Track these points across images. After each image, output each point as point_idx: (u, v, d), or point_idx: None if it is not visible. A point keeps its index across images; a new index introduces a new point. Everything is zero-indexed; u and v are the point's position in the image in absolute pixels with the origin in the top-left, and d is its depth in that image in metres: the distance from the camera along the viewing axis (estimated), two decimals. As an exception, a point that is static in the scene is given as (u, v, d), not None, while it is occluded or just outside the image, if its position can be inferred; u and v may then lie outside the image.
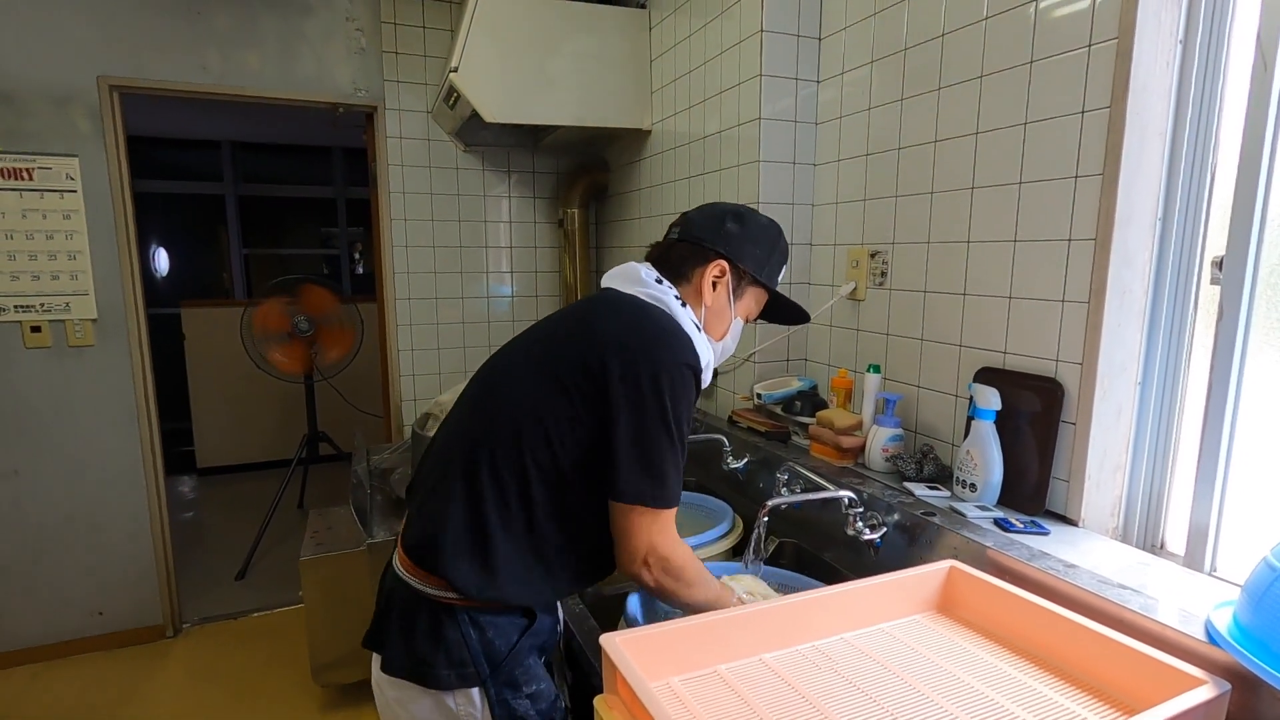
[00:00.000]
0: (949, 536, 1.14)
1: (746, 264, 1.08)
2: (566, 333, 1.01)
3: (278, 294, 3.51)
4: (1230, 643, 0.74)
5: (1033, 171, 1.21)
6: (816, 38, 1.73)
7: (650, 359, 0.92)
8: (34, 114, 2.33)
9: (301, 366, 3.58)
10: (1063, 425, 1.17)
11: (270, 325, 3.47)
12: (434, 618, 0.95)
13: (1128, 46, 1.04)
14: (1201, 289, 1.09)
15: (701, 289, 1.06)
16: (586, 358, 0.93)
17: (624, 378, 0.90)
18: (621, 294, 1.03)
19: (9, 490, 2.47)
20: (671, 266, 1.07)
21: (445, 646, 0.94)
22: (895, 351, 1.55)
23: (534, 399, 0.94)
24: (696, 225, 1.09)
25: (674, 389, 0.92)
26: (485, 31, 2.14)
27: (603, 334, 0.95)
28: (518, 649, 0.96)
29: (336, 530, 2.30)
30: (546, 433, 0.92)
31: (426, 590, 0.95)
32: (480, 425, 0.98)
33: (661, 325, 0.97)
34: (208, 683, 2.46)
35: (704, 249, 1.07)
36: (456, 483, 0.95)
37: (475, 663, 0.94)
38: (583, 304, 1.08)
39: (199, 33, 2.45)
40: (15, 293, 2.38)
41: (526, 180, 2.94)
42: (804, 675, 0.83)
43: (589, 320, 1.00)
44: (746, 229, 1.09)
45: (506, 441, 0.93)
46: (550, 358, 0.97)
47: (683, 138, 2.16)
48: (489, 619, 0.95)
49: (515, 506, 0.93)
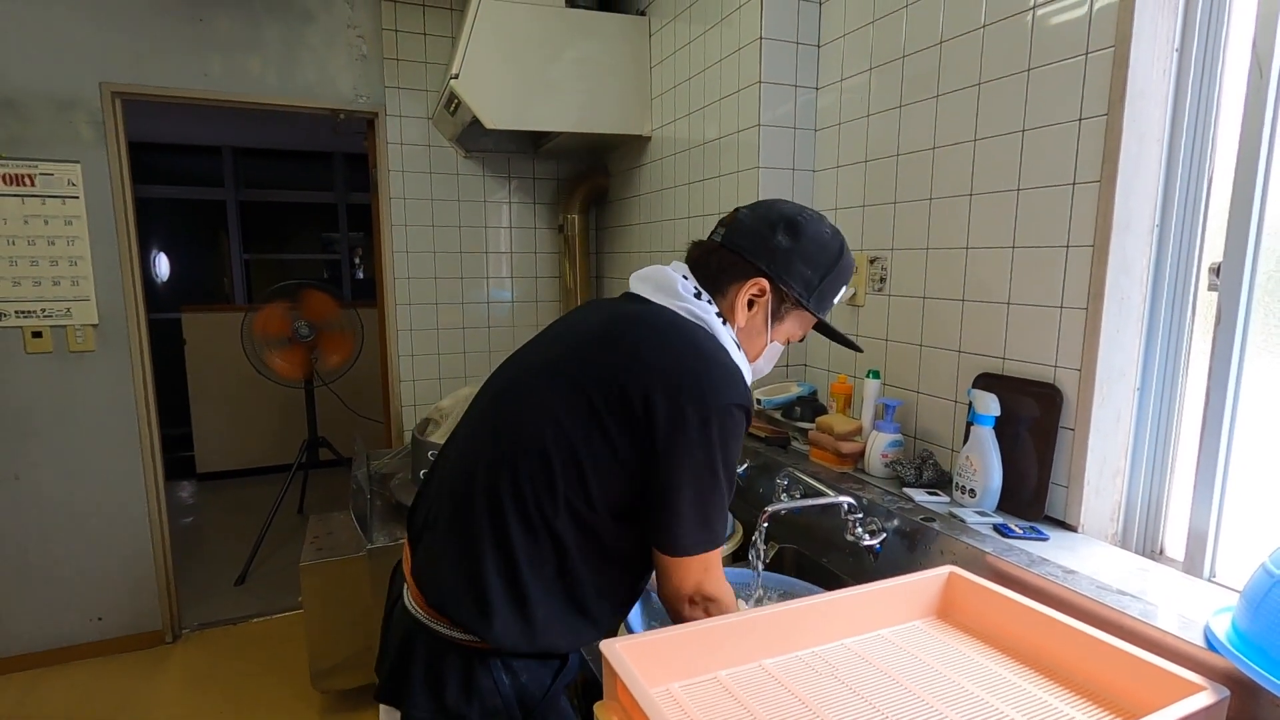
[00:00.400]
0: (948, 542, 1.14)
1: (792, 286, 0.94)
2: (594, 351, 0.90)
3: (278, 299, 3.52)
4: (1229, 649, 0.74)
5: (1031, 178, 1.21)
6: (815, 45, 1.74)
7: (702, 402, 0.83)
8: (37, 120, 2.34)
9: (301, 372, 3.59)
10: (1062, 431, 1.18)
11: (271, 330, 3.48)
12: (466, 665, 0.87)
13: (1124, 54, 1.05)
14: (1199, 295, 1.10)
15: (736, 306, 0.94)
16: (626, 387, 0.83)
17: (671, 420, 0.82)
18: (657, 309, 0.93)
19: (9, 495, 2.47)
20: (708, 275, 0.95)
21: (479, 696, 0.86)
22: (895, 357, 1.56)
23: (563, 425, 0.85)
24: (743, 231, 0.95)
25: (724, 434, 0.84)
26: (486, 38, 2.15)
27: (645, 363, 0.85)
28: (552, 692, 0.90)
29: (337, 535, 2.30)
30: (582, 471, 0.84)
31: (455, 635, 0.87)
32: (502, 453, 0.88)
33: (711, 357, 0.87)
34: (207, 688, 2.45)
35: (745, 263, 0.94)
36: (481, 523, 0.86)
37: (509, 710, 0.86)
38: (608, 315, 0.95)
39: (201, 39, 2.46)
40: (16, 298, 2.39)
41: (527, 186, 2.95)
42: (804, 681, 0.83)
43: (623, 338, 0.89)
44: (800, 243, 0.94)
45: (536, 474, 0.85)
46: (577, 379, 0.87)
47: (683, 143, 2.17)
48: (523, 664, 0.88)
49: (546, 549, 0.86)
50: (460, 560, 0.87)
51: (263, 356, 3.52)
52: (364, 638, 2.14)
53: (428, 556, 0.92)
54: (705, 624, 0.85)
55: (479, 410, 0.98)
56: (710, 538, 0.87)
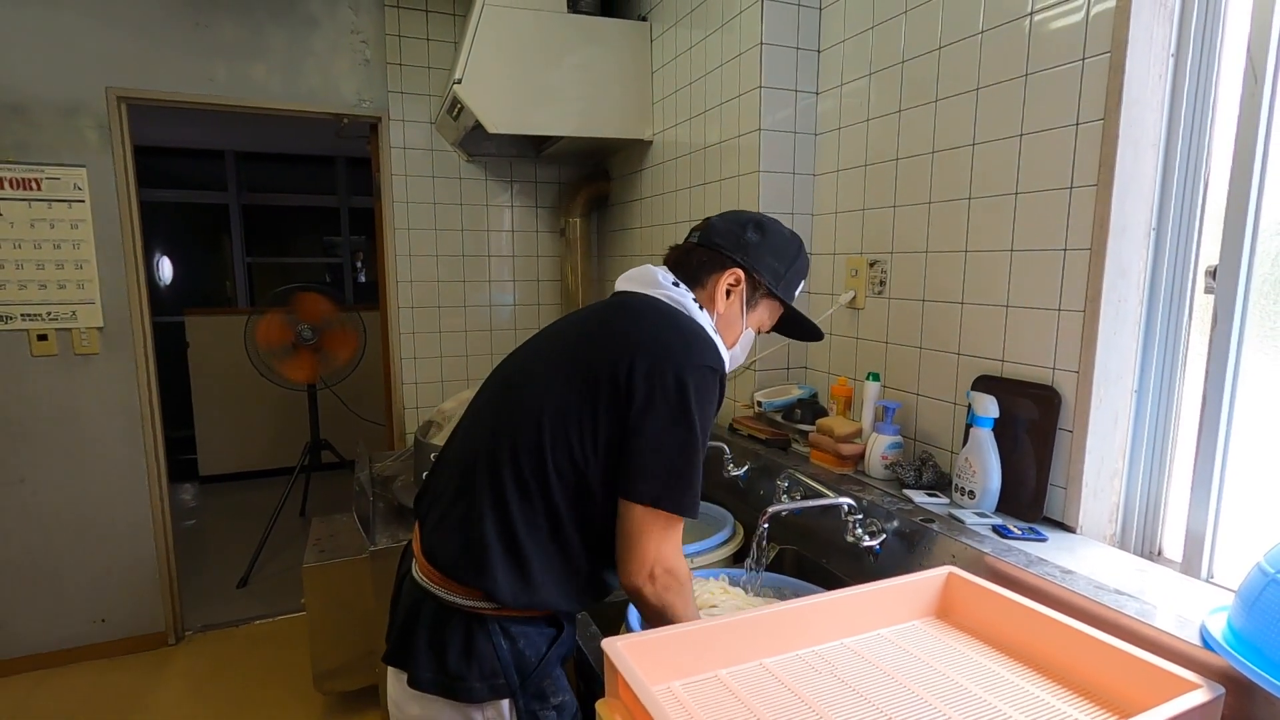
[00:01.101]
0: (947, 543, 1.15)
1: (763, 275, 1.06)
2: (586, 335, 1.00)
3: (274, 308, 3.52)
4: (1224, 647, 0.75)
5: (1028, 182, 1.23)
6: (815, 50, 1.75)
7: (674, 361, 0.90)
8: (44, 125, 2.36)
9: (313, 373, 3.58)
10: (1060, 433, 1.18)
11: (274, 340, 3.49)
12: (467, 629, 0.93)
13: (1120, 60, 1.06)
14: (1196, 298, 1.10)
15: (715, 296, 1.05)
16: (609, 360, 0.91)
17: (648, 379, 0.89)
18: (641, 297, 1.02)
19: (15, 497, 2.48)
20: (688, 271, 1.06)
21: (478, 658, 0.92)
22: (894, 359, 1.57)
23: (556, 401, 0.92)
24: (717, 231, 1.07)
25: (698, 391, 0.90)
26: (488, 43, 2.17)
27: (625, 337, 0.94)
28: (547, 659, 0.95)
29: (339, 538, 2.31)
30: (568, 437, 0.91)
31: (458, 601, 0.93)
32: (502, 428, 0.95)
33: (684, 327, 0.96)
34: (209, 690, 2.46)
35: (721, 256, 1.05)
36: (483, 489, 0.93)
37: (506, 674, 0.92)
38: (600, 308, 1.06)
39: (206, 45, 2.48)
40: (23, 301, 2.40)
41: (529, 190, 2.96)
42: (804, 680, 0.83)
43: (610, 323, 0.99)
44: (767, 239, 1.07)
45: (530, 444, 0.91)
46: (570, 360, 0.96)
47: (684, 148, 2.18)
48: (520, 629, 0.94)
49: (540, 513, 0.92)
50: (463, 523, 0.94)
51: (271, 365, 3.53)
52: (366, 640, 2.15)
53: (434, 525, 0.99)
54: (706, 623, 0.86)
55: (484, 398, 1.05)
56: (676, 495, 0.89)
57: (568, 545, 0.94)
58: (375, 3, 2.65)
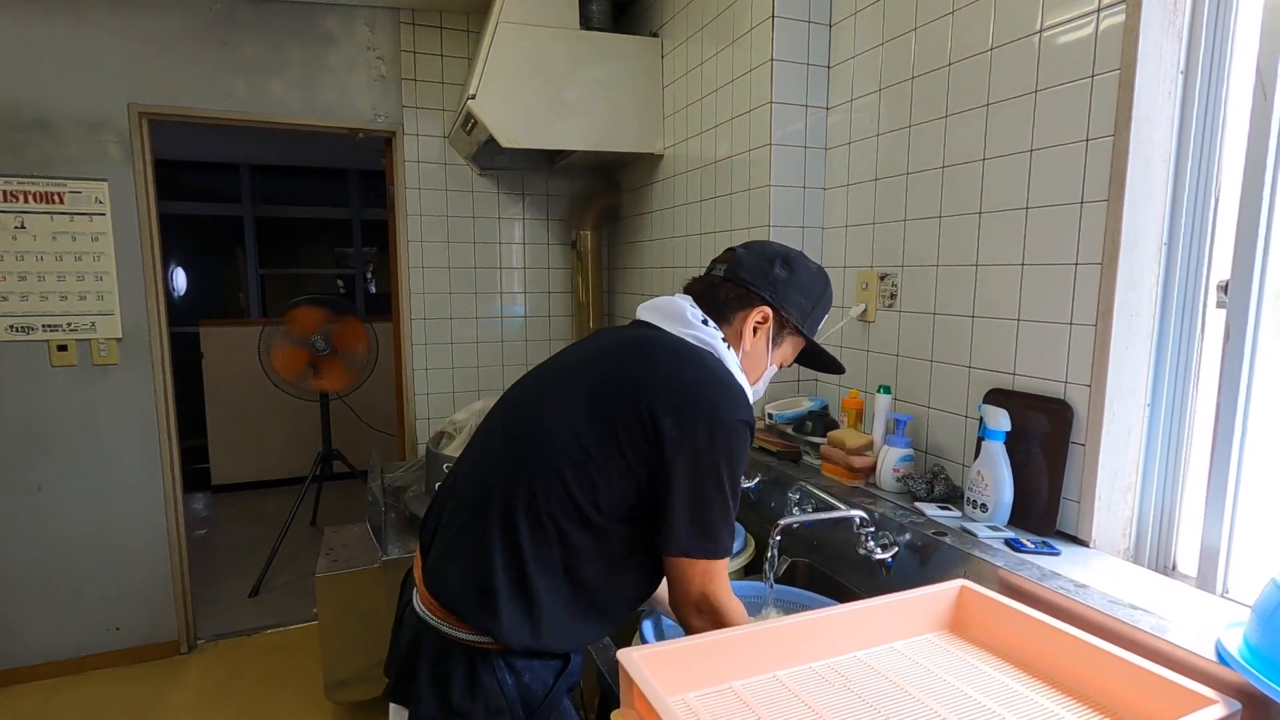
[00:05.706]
0: (960, 556, 1.15)
1: (790, 313, 1.05)
2: (612, 368, 0.97)
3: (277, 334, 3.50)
4: (1240, 663, 0.75)
5: (1039, 197, 1.23)
6: (826, 66, 1.77)
7: (707, 417, 0.89)
8: (68, 140, 2.41)
9: (344, 376, 3.56)
10: (1072, 446, 1.19)
11: (295, 366, 3.48)
12: (470, 665, 0.91)
13: (1130, 77, 1.07)
14: (1208, 312, 1.11)
15: (742, 333, 1.03)
16: (639, 404, 0.89)
17: (681, 435, 0.88)
18: (668, 335, 1.00)
19: (33, 506, 2.51)
20: (714, 306, 1.04)
21: (483, 694, 0.90)
22: (905, 372, 1.57)
23: (579, 440, 0.90)
24: (744, 266, 1.05)
25: (730, 447, 0.90)
26: (502, 59, 2.20)
27: (657, 382, 0.92)
28: (554, 692, 0.93)
29: (351, 547, 2.32)
30: (592, 477, 0.89)
31: (459, 635, 0.91)
32: (519, 464, 0.92)
33: (717, 377, 0.94)
34: (221, 699, 2.47)
35: (749, 293, 1.03)
36: (493, 525, 0.91)
37: (512, 709, 0.90)
38: (625, 340, 1.02)
39: (226, 62, 2.53)
40: (44, 312, 2.45)
41: (540, 203, 2.99)
42: (817, 692, 0.84)
43: (639, 362, 0.96)
44: (795, 276, 1.05)
45: (549, 483, 0.89)
46: (594, 398, 0.93)
47: (695, 162, 2.20)
48: (525, 663, 0.92)
49: (555, 551, 0.90)
50: (471, 557, 0.92)
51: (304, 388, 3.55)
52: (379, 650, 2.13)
53: (439, 556, 0.96)
54: (720, 634, 0.87)
55: (495, 422, 1.03)
56: (711, 545, 0.91)
57: (580, 584, 0.92)
58: (391, 20, 2.69)
